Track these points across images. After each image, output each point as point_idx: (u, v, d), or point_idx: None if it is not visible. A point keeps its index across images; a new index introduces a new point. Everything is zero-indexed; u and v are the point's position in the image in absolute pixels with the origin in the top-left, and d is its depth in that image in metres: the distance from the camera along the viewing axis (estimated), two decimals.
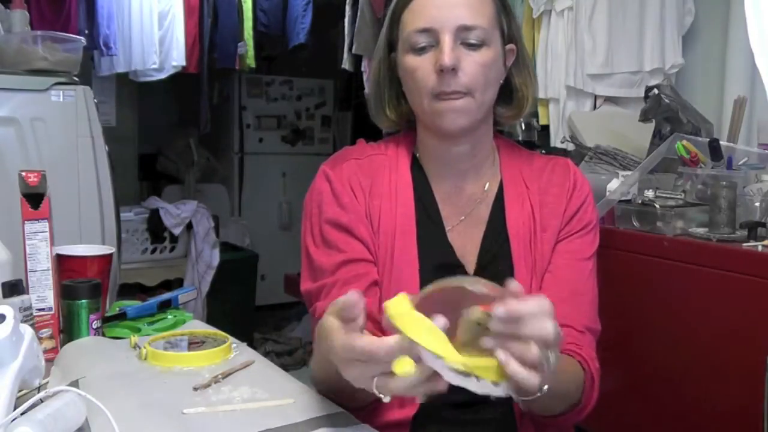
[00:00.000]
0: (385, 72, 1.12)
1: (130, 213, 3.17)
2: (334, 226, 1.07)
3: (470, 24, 1.00)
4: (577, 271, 1.08)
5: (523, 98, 1.11)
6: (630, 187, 1.89)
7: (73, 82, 1.91)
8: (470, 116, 1.03)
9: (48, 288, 1.16)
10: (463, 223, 1.10)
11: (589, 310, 1.07)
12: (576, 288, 1.06)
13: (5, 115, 1.79)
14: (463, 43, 1.01)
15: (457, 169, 1.10)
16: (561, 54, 2.42)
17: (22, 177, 1.17)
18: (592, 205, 1.12)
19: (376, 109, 1.15)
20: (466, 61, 1.00)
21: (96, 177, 1.91)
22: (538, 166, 1.14)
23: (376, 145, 1.15)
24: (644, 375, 1.75)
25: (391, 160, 1.12)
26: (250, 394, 0.93)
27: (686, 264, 1.65)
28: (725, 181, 1.67)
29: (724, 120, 2.22)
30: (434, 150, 1.11)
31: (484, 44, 1.01)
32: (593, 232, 1.11)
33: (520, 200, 1.10)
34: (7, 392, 0.78)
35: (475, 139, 1.09)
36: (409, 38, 1.03)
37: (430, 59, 1.01)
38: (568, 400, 0.97)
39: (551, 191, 1.10)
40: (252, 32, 3.54)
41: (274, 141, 4.67)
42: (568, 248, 1.08)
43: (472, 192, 1.11)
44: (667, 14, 2.45)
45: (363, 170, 1.10)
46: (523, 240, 1.07)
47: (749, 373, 1.48)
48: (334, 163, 1.12)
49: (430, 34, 1.01)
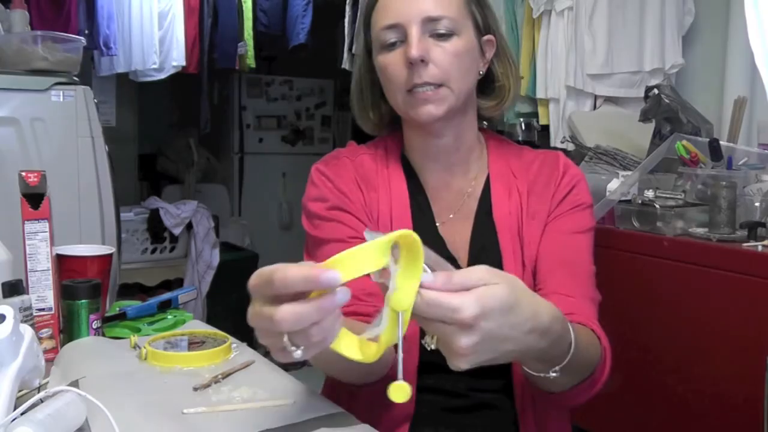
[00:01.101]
0: (365, 75, 1.14)
1: (130, 213, 3.17)
2: (331, 207, 1.08)
3: (435, 15, 1.01)
4: (569, 243, 1.06)
5: (503, 88, 1.11)
6: (630, 187, 1.89)
7: (73, 82, 1.91)
8: (444, 106, 1.02)
9: (48, 288, 1.16)
10: (453, 218, 1.10)
11: (586, 279, 1.04)
12: (569, 258, 1.04)
13: (5, 115, 1.79)
14: (432, 35, 1.01)
15: (442, 162, 1.11)
16: (561, 54, 2.42)
17: (22, 177, 1.17)
18: (584, 188, 1.11)
19: (360, 113, 1.16)
20: (435, 52, 1.01)
21: (96, 177, 1.90)
22: (528, 159, 1.14)
23: (366, 146, 1.17)
24: (644, 375, 1.75)
25: (382, 158, 1.13)
26: (250, 394, 0.93)
27: (686, 264, 1.66)
28: (725, 181, 1.67)
29: (724, 120, 2.22)
30: (418, 145, 1.12)
31: (454, 34, 1.02)
32: (587, 212, 1.10)
33: (507, 192, 1.10)
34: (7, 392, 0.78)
35: (457, 132, 1.09)
36: (379, 36, 1.04)
37: (400, 54, 1.02)
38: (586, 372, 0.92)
39: (540, 180, 1.10)
40: (252, 32, 3.54)
41: (274, 141, 4.67)
42: (558, 226, 1.07)
43: (460, 186, 1.12)
44: (667, 14, 2.45)
45: (357, 167, 1.12)
46: (510, 231, 1.07)
47: (749, 373, 1.48)
48: (326, 161, 1.13)
49: (397, 29, 1.02)
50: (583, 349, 0.84)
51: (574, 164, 1.14)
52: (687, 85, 2.49)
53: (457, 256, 1.07)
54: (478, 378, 0.99)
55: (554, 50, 2.43)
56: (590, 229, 1.10)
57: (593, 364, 0.92)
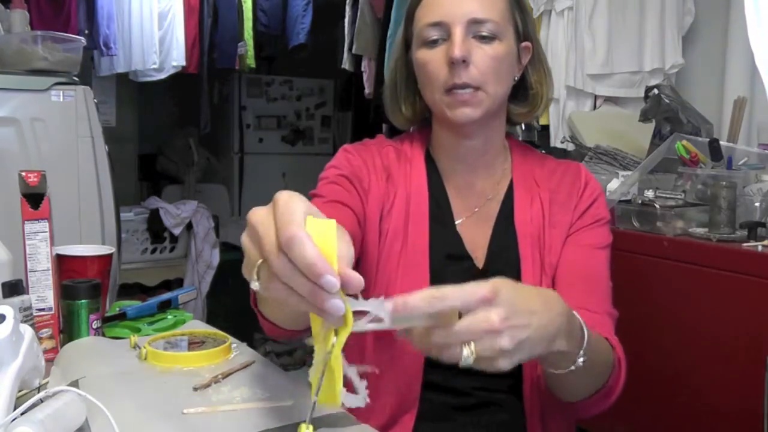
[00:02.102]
0: (401, 69, 1.14)
1: (130, 213, 3.17)
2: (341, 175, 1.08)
3: (481, 17, 1.01)
4: (590, 258, 1.07)
5: (537, 96, 1.12)
6: (630, 187, 1.89)
7: (73, 82, 1.91)
8: (481, 109, 1.03)
9: (48, 288, 1.16)
10: (473, 218, 1.11)
11: (604, 296, 1.06)
12: (589, 273, 1.06)
13: (5, 115, 1.79)
14: (474, 36, 1.02)
15: (468, 164, 1.11)
16: (561, 54, 2.42)
17: (22, 177, 1.16)
18: (603, 203, 1.13)
19: (392, 106, 1.16)
20: (477, 54, 1.01)
21: (96, 177, 1.91)
22: (550, 168, 1.14)
23: (392, 140, 1.17)
24: (644, 375, 1.75)
25: (406, 153, 1.14)
26: (250, 394, 0.93)
27: (686, 264, 1.65)
28: (725, 181, 1.67)
29: (724, 120, 2.22)
30: (447, 144, 1.12)
31: (496, 38, 1.02)
32: (606, 227, 1.11)
33: (529, 198, 1.11)
34: (7, 392, 0.78)
35: (487, 135, 1.10)
36: (422, 32, 1.04)
37: (441, 52, 1.02)
38: (601, 378, 0.94)
39: (562, 190, 1.11)
40: (252, 32, 3.54)
41: (274, 141, 4.67)
42: (580, 239, 1.08)
43: (483, 188, 1.12)
44: (667, 14, 2.45)
45: (382, 157, 1.12)
46: (531, 237, 1.08)
47: (749, 373, 1.48)
48: (354, 145, 1.15)
49: (441, 27, 1.02)
50: (594, 343, 0.85)
51: (594, 177, 1.15)
52: (687, 85, 2.49)
53: (474, 255, 1.08)
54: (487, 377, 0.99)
55: (554, 50, 2.43)
56: (609, 245, 1.11)
57: (608, 364, 0.93)
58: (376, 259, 1.07)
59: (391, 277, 1.05)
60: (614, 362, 0.95)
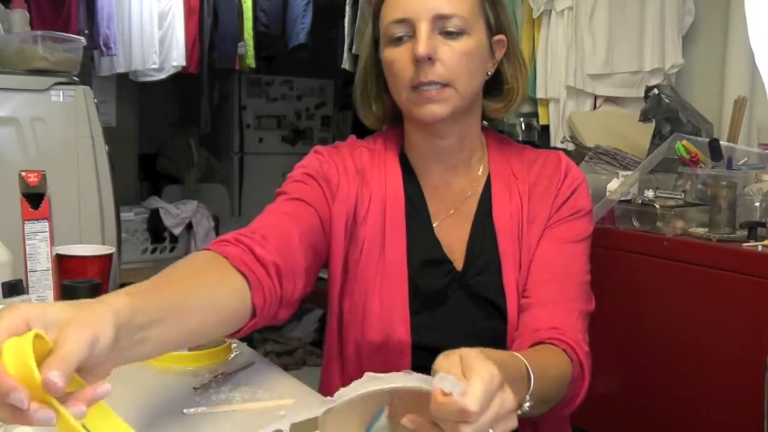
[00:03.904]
0: (371, 68, 1.11)
1: (130, 213, 3.17)
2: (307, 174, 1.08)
3: (447, 12, 0.99)
4: (563, 253, 1.05)
5: (512, 91, 1.09)
6: (630, 187, 1.89)
7: (73, 82, 1.91)
8: (448, 106, 1.00)
9: (48, 288, 1.16)
10: (451, 218, 1.09)
11: (577, 291, 1.03)
12: (561, 270, 1.03)
13: (5, 115, 1.79)
14: (441, 32, 0.99)
15: (444, 163, 1.09)
16: (561, 54, 2.42)
17: (22, 177, 1.17)
18: (584, 193, 1.10)
19: (362, 105, 1.14)
20: (444, 51, 0.99)
21: (96, 177, 1.91)
22: (529, 159, 1.12)
23: (365, 141, 1.15)
24: (644, 374, 1.75)
25: (380, 154, 1.12)
26: (250, 394, 0.93)
27: (686, 264, 1.65)
28: (725, 181, 1.67)
29: (724, 120, 2.22)
30: (420, 144, 1.10)
31: (464, 33, 1.00)
32: (585, 219, 1.09)
33: (507, 193, 1.08)
34: None
35: (461, 132, 1.07)
36: (387, 30, 1.02)
37: (407, 50, 1.00)
38: (556, 398, 0.92)
39: (541, 182, 1.09)
40: (252, 32, 3.54)
41: (274, 141, 4.67)
42: (555, 233, 1.06)
43: (461, 186, 1.10)
44: (667, 14, 2.45)
45: (354, 159, 1.11)
46: (510, 233, 1.06)
47: (749, 373, 1.48)
48: (326, 147, 1.14)
49: (406, 24, 1.00)
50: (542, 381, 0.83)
51: (575, 165, 1.13)
52: (687, 85, 2.49)
53: (452, 258, 1.06)
54: None
55: (554, 50, 2.43)
56: (587, 238, 1.08)
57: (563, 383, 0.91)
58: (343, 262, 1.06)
59: (369, 287, 1.04)
60: (573, 375, 0.92)
